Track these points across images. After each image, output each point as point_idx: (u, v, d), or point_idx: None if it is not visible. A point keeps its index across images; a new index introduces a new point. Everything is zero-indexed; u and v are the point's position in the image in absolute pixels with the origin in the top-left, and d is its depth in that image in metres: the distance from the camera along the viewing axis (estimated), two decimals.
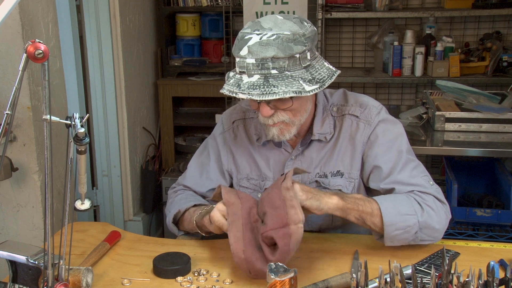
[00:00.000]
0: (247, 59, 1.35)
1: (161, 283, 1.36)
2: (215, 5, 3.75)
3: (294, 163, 1.58)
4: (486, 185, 2.81)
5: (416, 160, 1.55)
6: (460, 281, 1.11)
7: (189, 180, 1.71)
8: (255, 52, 1.34)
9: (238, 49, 1.38)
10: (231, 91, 1.36)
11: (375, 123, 1.54)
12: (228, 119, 1.70)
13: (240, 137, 1.66)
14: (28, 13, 2.05)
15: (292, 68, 1.36)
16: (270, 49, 1.33)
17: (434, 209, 1.44)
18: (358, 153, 1.55)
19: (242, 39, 1.38)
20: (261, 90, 1.32)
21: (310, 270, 1.39)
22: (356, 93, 1.63)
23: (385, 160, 1.52)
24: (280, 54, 1.33)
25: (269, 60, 1.34)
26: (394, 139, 1.54)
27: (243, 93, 1.34)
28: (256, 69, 1.35)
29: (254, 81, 1.34)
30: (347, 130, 1.56)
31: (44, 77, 1.04)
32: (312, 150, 1.57)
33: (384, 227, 1.40)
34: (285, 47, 1.34)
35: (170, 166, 3.79)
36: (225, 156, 1.67)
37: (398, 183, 1.50)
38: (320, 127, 1.56)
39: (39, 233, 2.20)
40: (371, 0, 3.31)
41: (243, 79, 1.36)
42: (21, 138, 2.11)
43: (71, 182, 1.14)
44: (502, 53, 3.26)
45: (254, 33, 1.37)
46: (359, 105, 1.57)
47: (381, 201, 1.42)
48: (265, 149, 1.62)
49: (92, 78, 3.15)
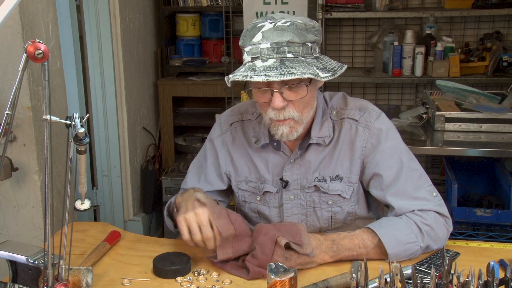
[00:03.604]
0: (261, 44, 1.34)
1: (161, 283, 1.36)
2: (215, 5, 3.75)
3: (292, 166, 1.56)
4: (486, 185, 2.81)
5: (419, 169, 1.53)
6: (460, 281, 1.11)
7: (189, 184, 1.69)
8: (270, 36, 1.34)
9: (250, 37, 1.36)
10: (244, 76, 1.33)
11: (374, 128, 1.52)
12: (226, 121, 1.67)
13: (238, 139, 1.64)
14: (28, 13, 2.05)
15: (306, 56, 1.36)
16: (285, 33, 1.34)
17: (434, 228, 1.44)
18: (357, 157, 1.53)
19: (254, 27, 1.37)
20: (279, 71, 1.30)
21: (310, 270, 1.39)
22: (355, 97, 1.62)
23: (387, 168, 1.50)
24: (296, 39, 1.34)
25: (284, 44, 1.33)
26: (396, 146, 1.53)
27: (259, 75, 1.31)
28: (271, 53, 1.33)
29: (270, 64, 1.33)
30: (346, 134, 1.54)
31: (44, 77, 1.04)
32: (311, 154, 1.56)
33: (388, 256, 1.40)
34: (299, 33, 1.35)
35: (170, 166, 3.79)
36: (223, 159, 1.65)
37: (400, 196, 1.48)
38: (318, 130, 1.53)
39: (39, 233, 2.20)
40: (371, 0, 3.31)
41: (256, 64, 1.34)
42: (21, 138, 2.11)
43: (71, 182, 1.14)
44: (502, 53, 3.26)
45: (267, 21, 1.37)
46: (358, 109, 1.55)
47: (382, 234, 1.40)
48: (263, 152, 1.60)
49: (92, 78, 3.15)
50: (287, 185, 1.57)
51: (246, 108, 1.66)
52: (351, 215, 1.58)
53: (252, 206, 1.64)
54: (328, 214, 1.57)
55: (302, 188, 1.57)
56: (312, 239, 1.39)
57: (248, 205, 1.65)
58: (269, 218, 1.62)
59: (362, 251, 1.40)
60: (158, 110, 3.81)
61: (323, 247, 1.39)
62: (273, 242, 1.34)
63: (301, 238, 1.36)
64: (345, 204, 1.56)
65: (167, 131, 3.81)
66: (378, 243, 1.40)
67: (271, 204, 1.61)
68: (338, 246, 1.40)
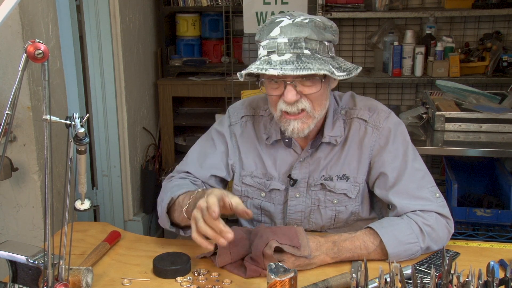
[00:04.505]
0: (279, 39, 1.34)
1: (161, 283, 1.36)
2: (215, 5, 3.75)
3: (302, 165, 1.56)
4: (486, 185, 2.81)
5: (423, 169, 1.53)
6: (460, 281, 1.11)
7: (191, 166, 1.65)
8: (289, 32, 1.34)
9: (267, 31, 1.37)
10: (260, 69, 1.33)
11: (383, 128, 1.52)
12: (236, 113, 1.66)
13: (247, 133, 1.63)
14: (28, 13, 2.05)
15: (322, 53, 1.37)
16: (304, 30, 1.34)
17: (435, 229, 1.43)
18: (365, 157, 1.53)
19: (272, 22, 1.38)
20: (295, 65, 1.31)
21: (310, 270, 1.38)
22: (364, 96, 1.62)
23: (392, 168, 1.50)
24: (314, 36, 1.35)
25: (302, 40, 1.34)
26: (403, 146, 1.53)
27: (274, 68, 1.31)
28: (288, 48, 1.34)
29: (286, 58, 1.33)
30: (355, 134, 1.54)
31: (44, 77, 1.04)
32: (321, 153, 1.56)
33: (388, 256, 1.40)
34: (318, 31, 1.36)
35: (170, 166, 3.79)
36: (232, 150, 1.64)
37: (403, 195, 1.48)
38: (331, 129, 1.53)
39: (39, 233, 2.20)
40: (371, 0, 3.31)
41: (272, 58, 1.34)
42: (21, 138, 2.11)
43: (71, 182, 1.14)
44: (502, 53, 3.26)
45: (286, 17, 1.37)
46: (367, 109, 1.55)
47: (383, 233, 1.40)
48: (273, 148, 1.60)
49: (92, 78, 3.15)
50: (295, 183, 1.57)
51: (258, 104, 1.65)
52: (354, 215, 1.58)
53: (255, 202, 1.63)
54: (332, 213, 1.57)
55: (308, 186, 1.57)
56: (312, 241, 1.39)
57: (251, 201, 1.64)
58: (273, 215, 1.62)
59: (363, 252, 1.40)
60: (158, 110, 3.81)
61: (323, 248, 1.39)
62: (265, 245, 1.35)
63: (299, 240, 1.36)
64: (349, 203, 1.56)
65: (167, 131, 3.81)
66: (379, 244, 1.40)
67: (276, 201, 1.61)
68: (339, 248, 1.40)
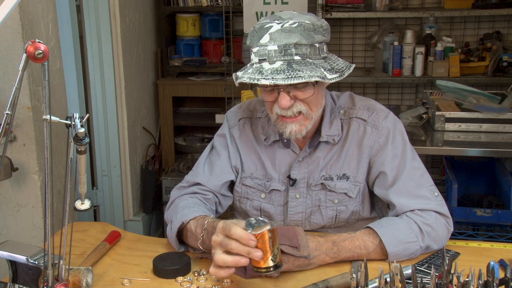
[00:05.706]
0: (269, 46, 1.34)
1: (161, 283, 1.36)
2: (215, 5, 3.75)
3: (300, 164, 1.57)
4: (486, 185, 2.81)
5: (421, 168, 1.54)
6: (460, 281, 1.11)
7: (202, 176, 1.65)
8: (278, 38, 1.34)
9: (257, 38, 1.37)
10: (252, 78, 1.33)
11: (382, 128, 1.53)
12: (234, 116, 1.68)
13: (246, 135, 1.64)
14: (28, 13, 2.05)
15: (313, 57, 1.37)
16: (293, 35, 1.34)
17: (434, 228, 1.44)
18: (364, 157, 1.54)
19: (262, 28, 1.37)
20: (286, 75, 1.31)
21: (310, 270, 1.38)
22: (362, 96, 1.62)
23: (392, 167, 1.51)
24: (303, 41, 1.34)
25: (292, 46, 1.33)
26: (402, 145, 1.54)
27: (266, 78, 1.31)
28: (278, 55, 1.34)
29: (277, 67, 1.33)
30: (354, 134, 1.55)
31: (44, 77, 1.04)
32: (320, 152, 1.56)
33: (388, 256, 1.40)
34: (307, 35, 1.35)
35: (170, 166, 3.80)
36: (233, 152, 1.65)
37: (401, 194, 1.48)
38: (328, 128, 1.54)
39: (39, 233, 2.20)
40: (371, 0, 3.31)
41: (264, 67, 1.34)
42: (21, 138, 2.11)
43: (71, 182, 1.14)
44: (502, 53, 3.26)
45: (274, 22, 1.37)
46: (366, 109, 1.56)
47: (382, 232, 1.40)
48: (271, 149, 1.61)
49: (92, 78, 3.15)
50: (294, 183, 1.57)
51: (255, 106, 1.67)
52: (355, 214, 1.58)
53: (255, 203, 1.64)
54: (333, 213, 1.58)
55: (308, 186, 1.57)
56: (312, 241, 1.38)
57: (251, 202, 1.64)
58: (272, 216, 1.62)
59: (362, 252, 1.40)
60: (158, 110, 3.81)
61: (323, 248, 1.39)
62: None
63: (298, 240, 1.36)
64: (350, 203, 1.57)
65: (167, 131, 3.81)
66: (379, 244, 1.40)
67: (276, 202, 1.61)
68: (338, 248, 1.40)
